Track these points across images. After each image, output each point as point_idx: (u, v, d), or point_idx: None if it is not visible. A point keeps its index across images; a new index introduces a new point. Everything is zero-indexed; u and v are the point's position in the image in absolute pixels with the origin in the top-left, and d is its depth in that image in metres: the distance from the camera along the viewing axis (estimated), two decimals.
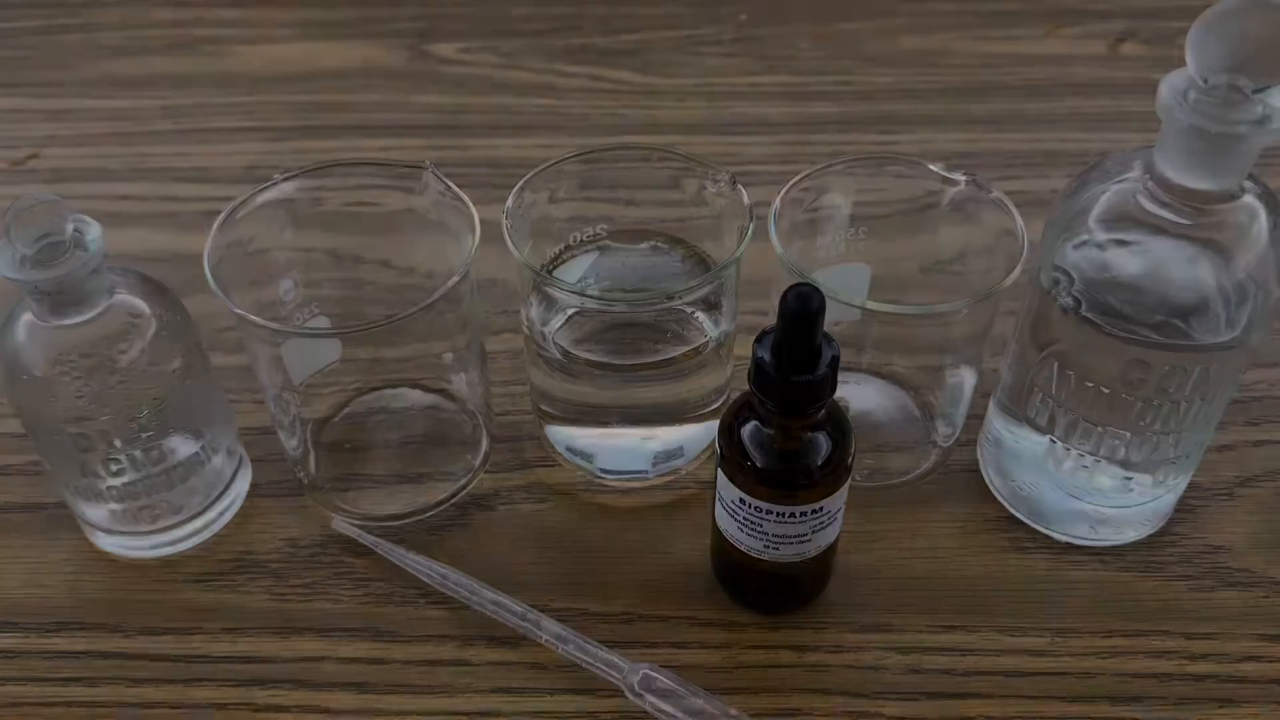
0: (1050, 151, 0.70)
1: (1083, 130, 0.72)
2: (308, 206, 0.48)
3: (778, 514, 0.40)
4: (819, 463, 0.40)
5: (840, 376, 0.39)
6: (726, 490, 0.42)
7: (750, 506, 0.41)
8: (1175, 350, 0.40)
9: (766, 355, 0.37)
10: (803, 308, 0.35)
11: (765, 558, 0.42)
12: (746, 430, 0.40)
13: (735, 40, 0.80)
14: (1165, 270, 0.40)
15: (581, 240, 0.50)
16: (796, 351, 0.37)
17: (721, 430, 0.41)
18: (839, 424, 0.41)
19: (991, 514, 0.50)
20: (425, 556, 0.47)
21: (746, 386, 0.40)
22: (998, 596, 0.47)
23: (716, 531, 0.44)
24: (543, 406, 0.51)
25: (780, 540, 0.42)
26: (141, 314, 0.44)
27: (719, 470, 0.42)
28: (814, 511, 0.41)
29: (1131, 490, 0.46)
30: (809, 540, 0.42)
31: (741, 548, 0.43)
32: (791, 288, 0.36)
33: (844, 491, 0.41)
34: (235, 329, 0.58)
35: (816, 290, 0.36)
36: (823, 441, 0.40)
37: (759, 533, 0.42)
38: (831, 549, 0.44)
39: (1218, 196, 0.39)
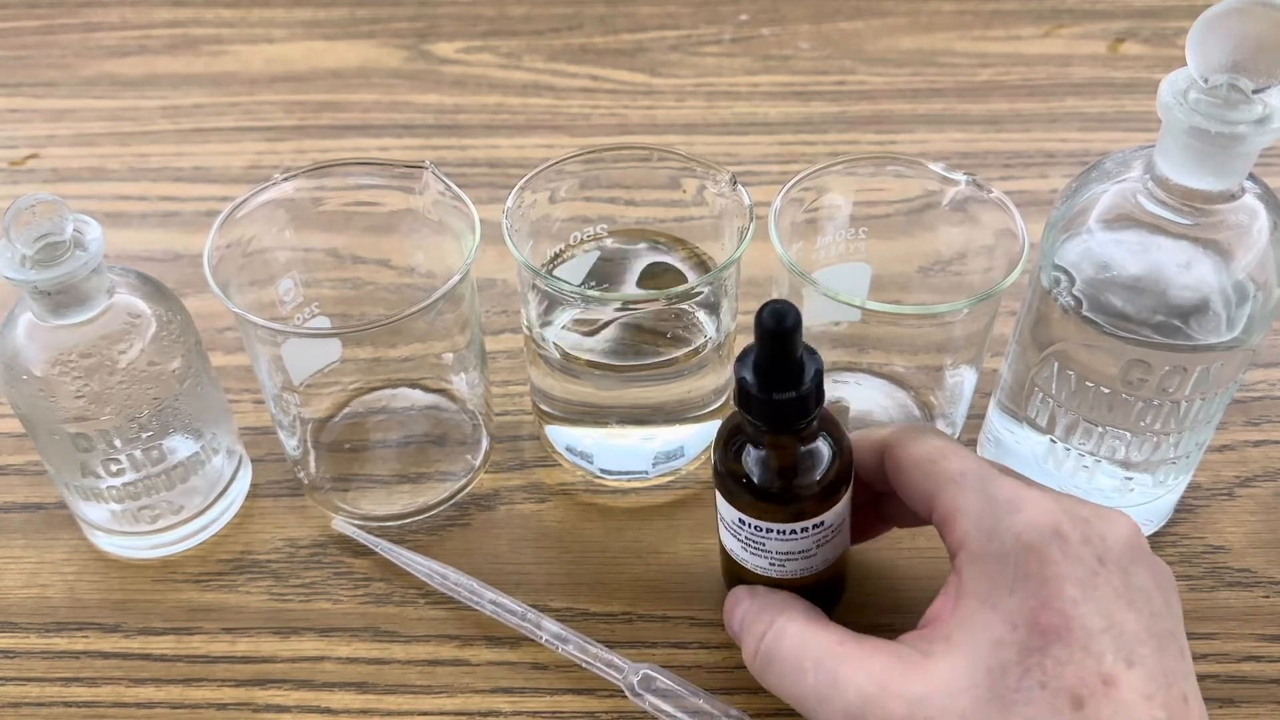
0: (1050, 151, 0.70)
1: (1083, 130, 0.72)
2: (308, 206, 0.48)
3: (779, 532, 0.40)
4: (815, 477, 0.39)
5: (840, 376, 0.38)
6: (726, 511, 0.41)
7: (751, 526, 0.40)
8: (1175, 350, 0.40)
9: (748, 375, 0.36)
10: (779, 325, 0.34)
11: (774, 575, 0.42)
12: (739, 451, 0.39)
13: (735, 40, 0.80)
14: (1165, 270, 0.40)
15: (581, 240, 0.50)
16: (777, 369, 0.36)
17: (716, 451, 0.40)
18: (832, 434, 0.39)
19: None
20: (425, 556, 0.47)
21: None
22: None
23: (725, 552, 0.43)
24: (543, 406, 0.51)
25: (785, 558, 0.41)
26: (141, 314, 0.44)
27: (717, 493, 0.41)
28: (815, 527, 0.40)
29: (1132, 490, 0.46)
30: (814, 555, 0.41)
31: (748, 566, 0.42)
32: (766, 305, 0.35)
33: (845, 503, 0.40)
34: (235, 329, 0.58)
35: (791, 306, 0.34)
36: (818, 454, 0.39)
37: (763, 551, 0.41)
38: (842, 561, 0.43)
39: (1218, 196, 0.39)
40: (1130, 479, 0.45)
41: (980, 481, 0.34)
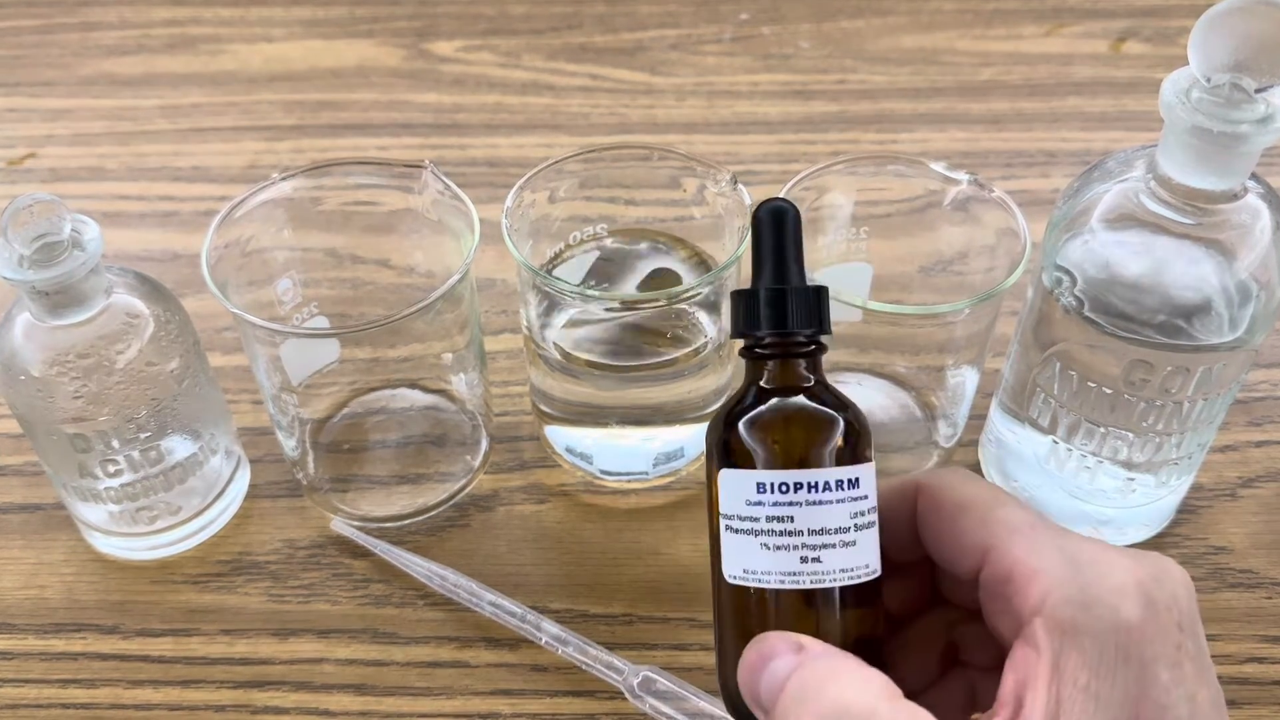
0: (1052, 151, 0.70)
1: (1084, 129, 0.71)
2: (306, 206, 0.48)
3: (809, 486, 0.32)
4: (837, 408, 0.33)
5: (841, 376, 0.37)
6: (737, 487, 0.33)
7: (775, 490, 0.32)
8: (1178, 350, 0.40)
9: (750, 287, 0.33)
10: (778, 221, 0.32)
11: (805, 582, 0.33)
12: (747, 409, 0.33)
13: (735, 39, 0.80)
14: (1168, 270, 0.39)
15: (581, 240, 0.50)
16: (778, 267, 0.33)
17: (720, 424, 0.34)
18: (839, 397, 0.34)
19: None
20: (424, 558, 0.47)
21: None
22: None
23: (725, 591, 0.33)
24: (542, 407, 0.51)
25: (820, 540, 0.32)
26: (139, 314, 0.44)
27: (721, 478, 0.33)
28: (850, 484, 0.33)
29: (1134, 491, 0.46)
30: (853, 542, 0.33)
31: (769, 583, 0.33)
32: (763, 204, 0.33)
33: (873, 468, 0.33)
34: (234, 329, 0.58)
35: (791, 204, 0.33)
36: (833, 389, 0.34)
37: (793, 535, 0.33)
38: (876, 588, 0.33)
39: (1220, 196, 0.38)
40: (1132, 480, 0.45)
41: (1053, 536, 0.31)
